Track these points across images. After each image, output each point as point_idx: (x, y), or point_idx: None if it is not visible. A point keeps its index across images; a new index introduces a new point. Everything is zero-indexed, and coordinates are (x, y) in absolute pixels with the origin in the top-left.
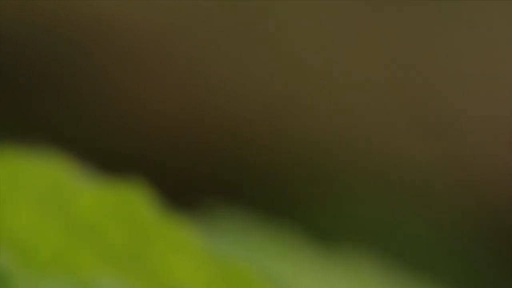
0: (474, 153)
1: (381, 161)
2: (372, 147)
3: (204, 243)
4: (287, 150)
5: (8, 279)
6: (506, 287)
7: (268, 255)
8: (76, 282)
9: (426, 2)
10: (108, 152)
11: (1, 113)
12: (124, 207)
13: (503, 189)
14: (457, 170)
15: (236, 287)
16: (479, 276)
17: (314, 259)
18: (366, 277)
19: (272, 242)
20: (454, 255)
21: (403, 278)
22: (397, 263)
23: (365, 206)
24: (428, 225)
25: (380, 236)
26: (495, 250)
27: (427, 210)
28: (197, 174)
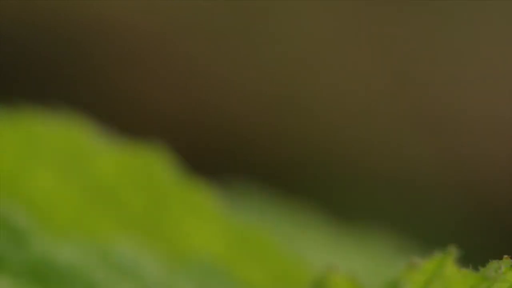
0: (474, 153)
1: (381, 161)
2: (372, 147)
3: (222, 209)
4: (287, 150)
5: (26, 241)
6: None
7: (283, 227)
8: (93, 245)
9: (426, 2)
10: None
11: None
12: (143, 171)
13: (503, 189)
14: (457, 170)
15: (252, 252)
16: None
17: (328, 234)
18: (378, 252)
19: (288, 216)
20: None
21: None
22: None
23: (365, 206)
24: (428, 225)
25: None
26: (495, 250)
27: (427, 210)
28: (197, 174)
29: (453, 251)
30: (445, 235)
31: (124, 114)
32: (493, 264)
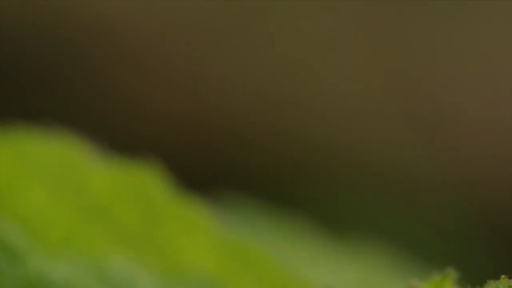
0: (474, 153)
1: (381, 161)
2: (372, 147)
3: (215, 224)
4: (287, 150)
5: (21, 259)
6: None
7: (277, 241)
8: (87, 262)
9: (426, 2)
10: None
11: (0, 113)
12: (137, 188)
13: (503, 189)
14: (457, 170)
15: (246, 268)
16: (478, 275)
17: (322, 247)
18: (372, 265)
19: (281, 230)
20: (454, 254)
21: (409, 268)
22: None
23: (365, 207)
24: (428, 225)
25: (380, 236)
26: (494, 249)
27: (427, 210)
28: (197, 174)
29: (451, 273)
30: (445, 235)
31: (123, 114)
32: (491, 285)
